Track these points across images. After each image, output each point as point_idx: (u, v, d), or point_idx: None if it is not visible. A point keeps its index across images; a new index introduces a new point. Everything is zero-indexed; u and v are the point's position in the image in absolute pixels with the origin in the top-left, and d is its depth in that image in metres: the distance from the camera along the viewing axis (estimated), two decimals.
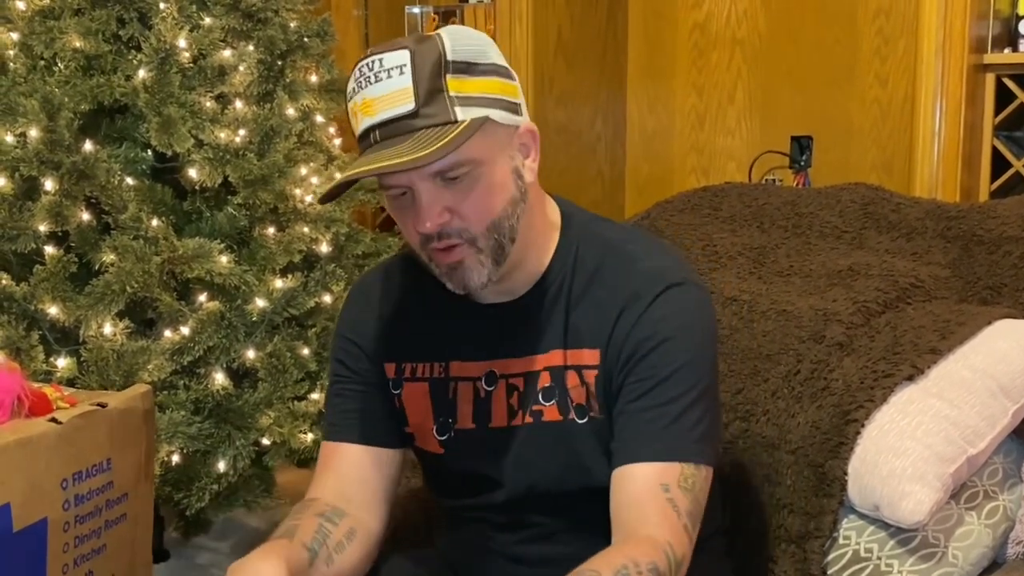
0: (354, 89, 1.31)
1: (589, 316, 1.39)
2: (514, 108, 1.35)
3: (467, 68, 1.30)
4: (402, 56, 1.27)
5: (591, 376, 1.38)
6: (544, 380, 1.40)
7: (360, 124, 1.30)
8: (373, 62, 1.29)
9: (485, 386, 1.43)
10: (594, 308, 1.39)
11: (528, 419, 1.41)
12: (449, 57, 1.28)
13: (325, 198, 1.37)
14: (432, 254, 1.34)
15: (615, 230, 1.47)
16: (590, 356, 1.39)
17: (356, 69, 1.31)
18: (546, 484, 1.42)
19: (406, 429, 1.49)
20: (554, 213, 1.45)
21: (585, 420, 1.39)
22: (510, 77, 1.35)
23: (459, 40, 1.30)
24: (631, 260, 1.41)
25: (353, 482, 1.46)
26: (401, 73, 1.27)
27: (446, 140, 1.24)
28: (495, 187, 1.32)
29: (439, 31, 1.31)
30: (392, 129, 1.27)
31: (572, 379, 1.39)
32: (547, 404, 1.40)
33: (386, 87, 1.27)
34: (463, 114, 1.28)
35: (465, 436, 1.44)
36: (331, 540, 1.39)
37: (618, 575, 1.22)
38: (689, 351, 1.36)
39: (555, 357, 1.40)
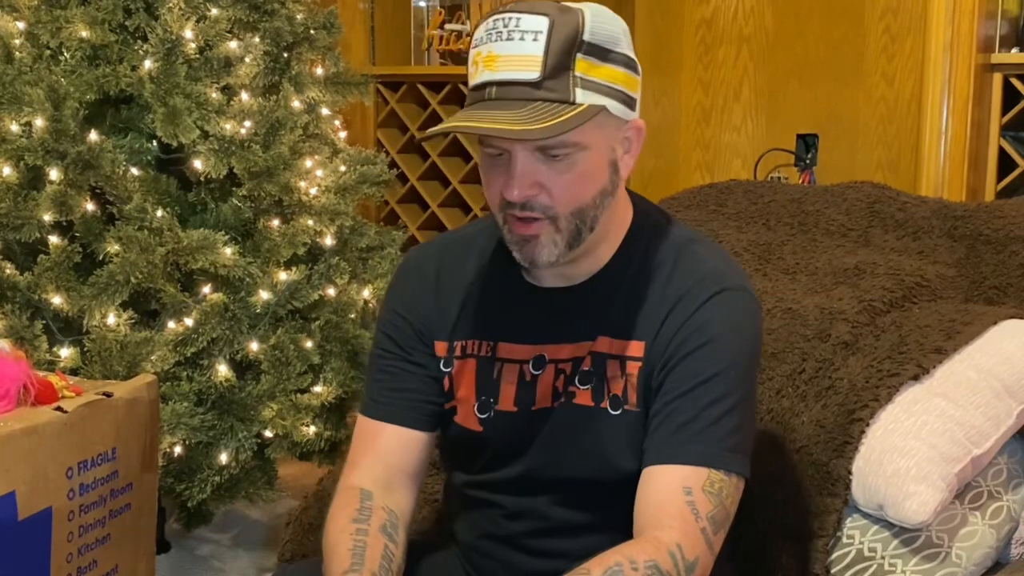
0: (482, 39, 1.30)
1: (641, 309, 1.39)
2: (630, 102, 1.35)
3: (599, 52, 1.29)
4: (541, 22, 1.26)
5: (634, 368, 1.38)
6: (586, 364, 1.40)
7: (479, 75, 1.30)
8: (510, 19, 1.27)
9: (532, 370, 1.42)
10: (647, 302, 1.39)
11: (562, 400, 1.41)
12: (585, 37, 1.27)
13: (424, 138, 1.38)
14: (510, 221, 1.33)
15: (683, 231, 1.47)
16: (636, 348, 1.38)
17: (490, 19, 1.30)
18: (563, 467, 1.42)
19: (447, 405, 1.48)
20: (628, 208, 1.44)
21: (619, 412, 1.38)
22: (635, 71, 1.35)
23: (599, 22, 1.29)
24: (693, 260, 1.41)
25: (395, 469, 1.47)
26: (535, 39, 1.26)
27: (561, 119, 1.24)
28: (591, 175, 1.32)
29: (584, 6, 1.30)
30: (511, 92, 1.27)
31: (613, 368, 1.39)
32: (582, 388, 1.40)
33: (517, 48, 1.26)
34: (583, 97, 1.27)
35: (505, 417, 1.44)
36: (395, 564, 1.38)
37: (609, 572, 1.21)
38: (734, 355, 1.35)
39: (601, 344, 1.40)
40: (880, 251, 2.06)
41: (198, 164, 2.45)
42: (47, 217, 2.35)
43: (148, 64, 2.43)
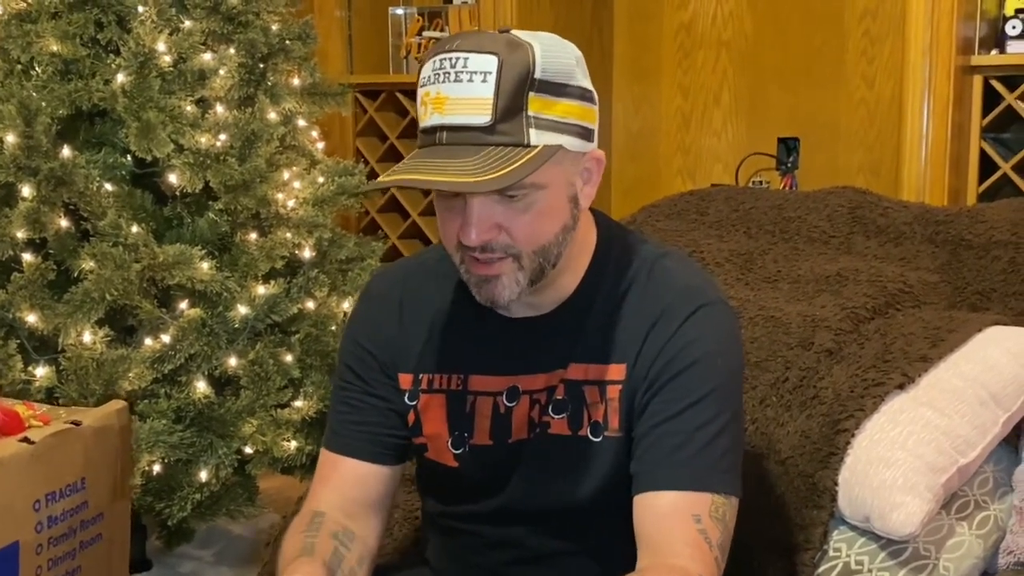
0: (429, 79, 1.24)
1: (616, 331, 1.36)
2: (587, 134, 1.30)
3: (552, 89, 1.24)
4: (489, 62, 1.21)
5: (615, 392, 1.35)
6: (559, 393, 1.37)
7: (429, 117, 1.24)
8: (457, 59, 1.22)
9: (506, 402, 1.39)
10: (622, 323, 1.36)
11: (538, 431, 1.38)
12: (536, 75, 1.22)
13: (371, 188, 1.42)
14: (468, 262, 1.29)
15: (650, 247, 1.43)
16: (615, 371, 1.35)
17: (436, 58, 1.24)
18: (543, 498, 1.39)
19: (417, 440, 1.45)
20: (591, 231, 1.40)
21: (600, 439, 1.35)
22: (592, 101, 1.30)
23: (550, 56, 1.24)
24: (666, 276, 1.38)
25: (355, 500, 1.44)
26: (484, 80, 1.21)
27: (515, 167, 1.20)
28: (551, 213, 1.28)
29: (533, 39, 1.24)
30: (461, 137, 1.22)
31: (592, 394, 1.36)
32: (557, 417, 1.37)
33: (466, 90, 1.22)
34: (537, 138, 1.23)
35: (481, 451, 1.40)
36: (345, 566, 1.36)
37: None
38: (722, 375, 1.33)
39: (574, 372, 1.36)
40: (862, 257, 2.04)
41: (173, 178, 2.43)
42: (20, 234, 2.32)
43: (121, 78, 2.40)
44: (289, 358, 2.53)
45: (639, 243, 1.43)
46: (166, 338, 2.37)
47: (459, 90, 1.22)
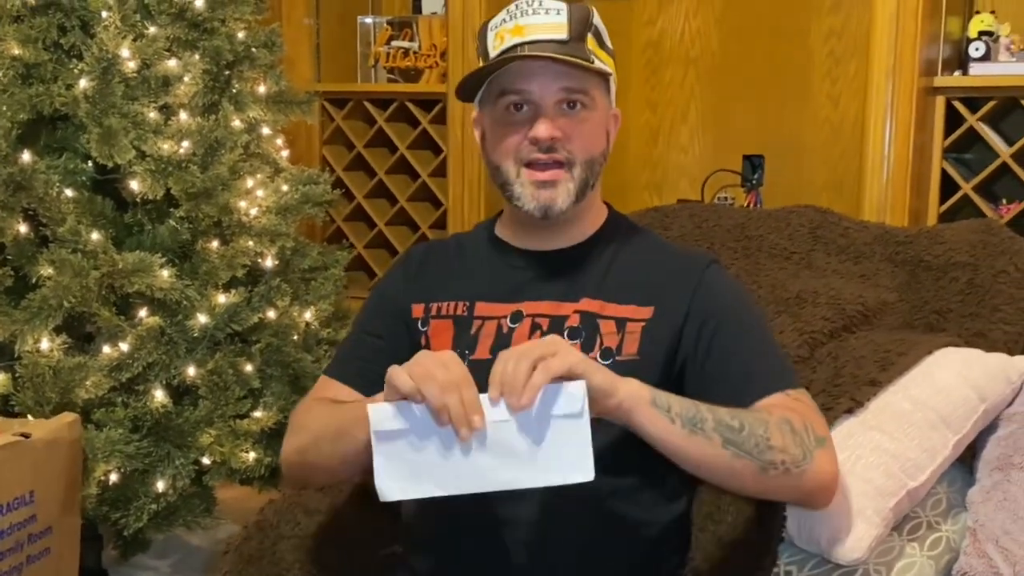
0: (504, 19, 1.49)
1: (636, 276, 1.53)
2: (614, 92, 1.56)
3: (600, 39, 1.52)
4: (560, 3, 1.48)
5: (636, 327, 1.49)
6: (572, 321, 1.50)
7: (505, 43, 1.47)
8: (532, 1, 1.48)
9: (509, 323, 1.51)
10: (640, 271, 1.54)
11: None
12: (594, 21, 1.51)
13: (460, 89, 1.53)
14: (528, 171, 1.48)
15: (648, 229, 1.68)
16: (636, 311, 1.50)
17: (512, 4, 1.49)
18: None
19: None
20: (603, 208, 1.63)
21: (609, 362, 1.45)
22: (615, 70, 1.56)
23: (599, 20, 1.53)
24: (668, 244, 1.66)
25: None
26: (559, 13, 1.47)
27: (588, 64, 1.45)
28: (597, 132, 1.52)
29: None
30: (541, 47, 1.45)
31: (608, 327, 1.49)
32: (572, 342, 1.45)
33: (544, 19, 1.46)
34: (596, 63, 1.48)
35: (480, 365, 1.41)
36: None
37: (751, 413, 1.35)
38: (752, 307, 1.57)
39: (589, 305, 1.50)
40: (822, 274, 2.05)
41: (134, 185, 2.41)
42: None
43: (83, 83, 2.38)
44: (249, 368, 2.52)
45: (642, 226, 1.67)
46: (124, 346, 2.35)
47: (537, 19, 1.47)
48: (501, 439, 1.22)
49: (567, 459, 1.22)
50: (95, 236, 2.35)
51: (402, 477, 1.24)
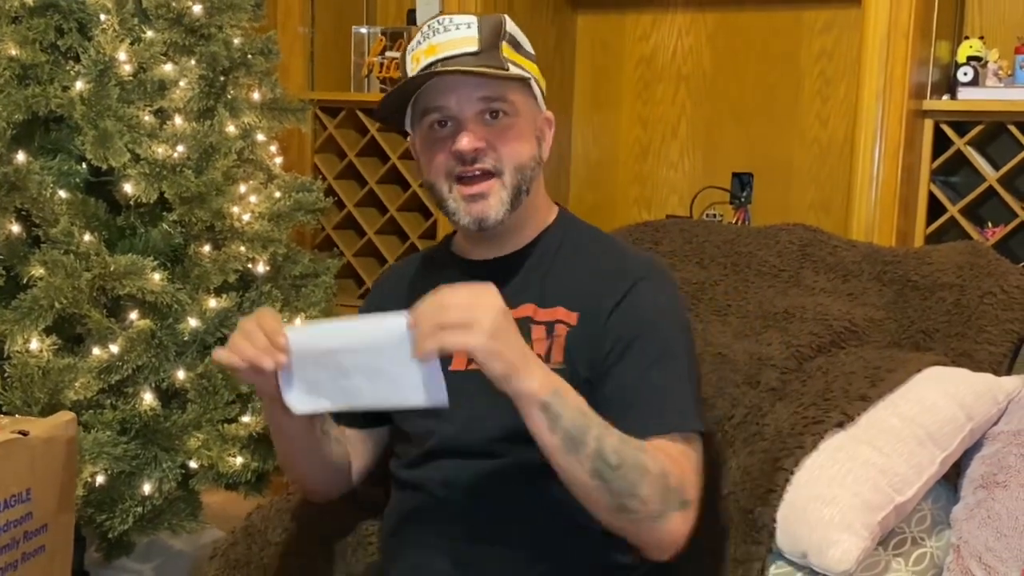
0: (419, 41, 1.53)
1: (570, 281, 1.55)
2: (541, 95, 1.60)
3: (516, 45, 1.55)
4: (470, 18, 1.53)
5: (562, 330, 1.51)
6: None
7: (420, 64, 1.51)
8: (444, 19, 1.52)
9: None
10: (574, 276, 1.55)
11: (472, 364, 1.45)
12: (507, 29, 1.54)
13: (379, 112, 1.60)
14: (458, 186, 1.52)
15: (603, 232, 1.69)
16: (565, 315, 1.52)
17: (424, 27, 1.53)
18: (479, 432, 1.50)
19: None
20: (552, 207, 1.67)
21: None
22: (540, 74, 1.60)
23: (513, 25, 1.57)
24: (613, 247, 1.64)
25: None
26: (469, 27, 1.51)
27: (502, 72, 1.49)
28: (524, 138, 1.54)
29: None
30: (454, 61, 1.49)
31: (538, 332, 1.51)
32: None
33: (454, 34, 1.50)
34: (513, 69, 1.52)
35: (458, 376, 1.49)
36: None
37: (636, 444, 1.35)
38: (675, 331, 1.53)
39: (525, 310, 1.53)
40: (810, 292, 2.08)
41: (128, 188, 2.41)
42: None
43: (80, 85, 2.38)
44: None
45: (595, 228, 1.68)
46: (114, 348, 2.35)
47: (447, 36, 1.50)
48: (369, 364, 1.37)
49: (425, 385, 1.34)
50: (87, 238, 2.35)
51: (302, 392, 1.43)
